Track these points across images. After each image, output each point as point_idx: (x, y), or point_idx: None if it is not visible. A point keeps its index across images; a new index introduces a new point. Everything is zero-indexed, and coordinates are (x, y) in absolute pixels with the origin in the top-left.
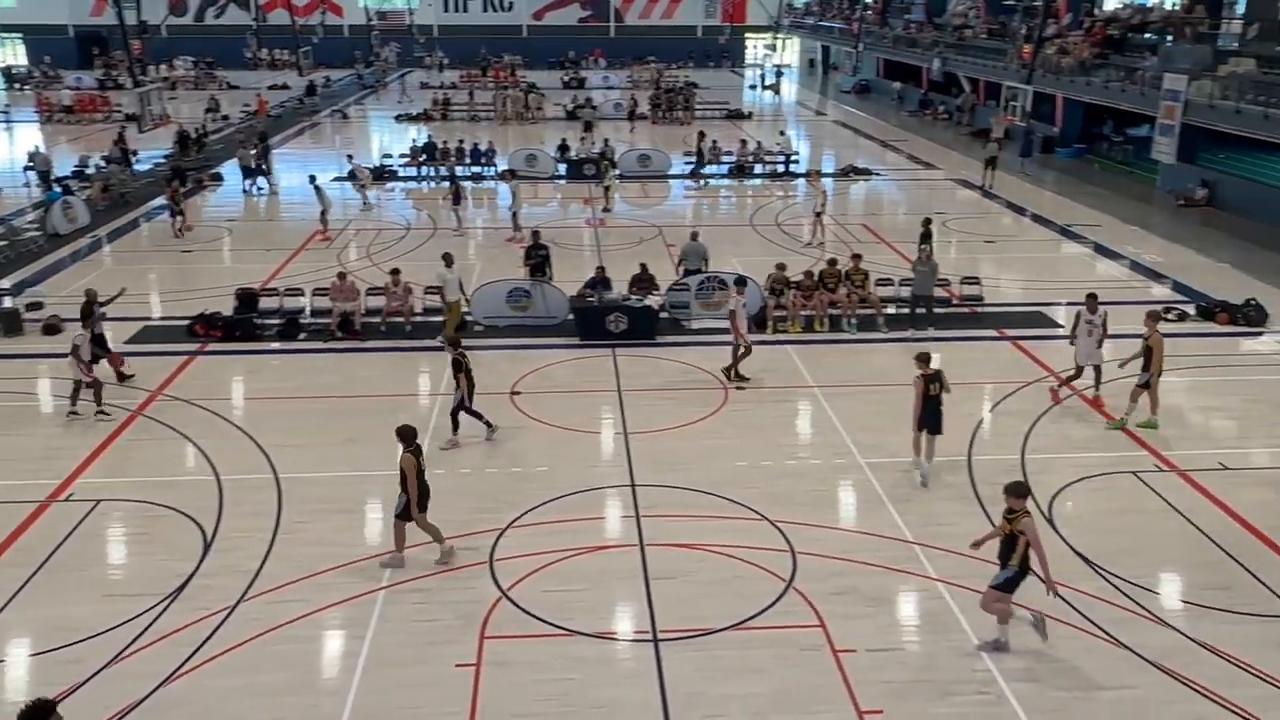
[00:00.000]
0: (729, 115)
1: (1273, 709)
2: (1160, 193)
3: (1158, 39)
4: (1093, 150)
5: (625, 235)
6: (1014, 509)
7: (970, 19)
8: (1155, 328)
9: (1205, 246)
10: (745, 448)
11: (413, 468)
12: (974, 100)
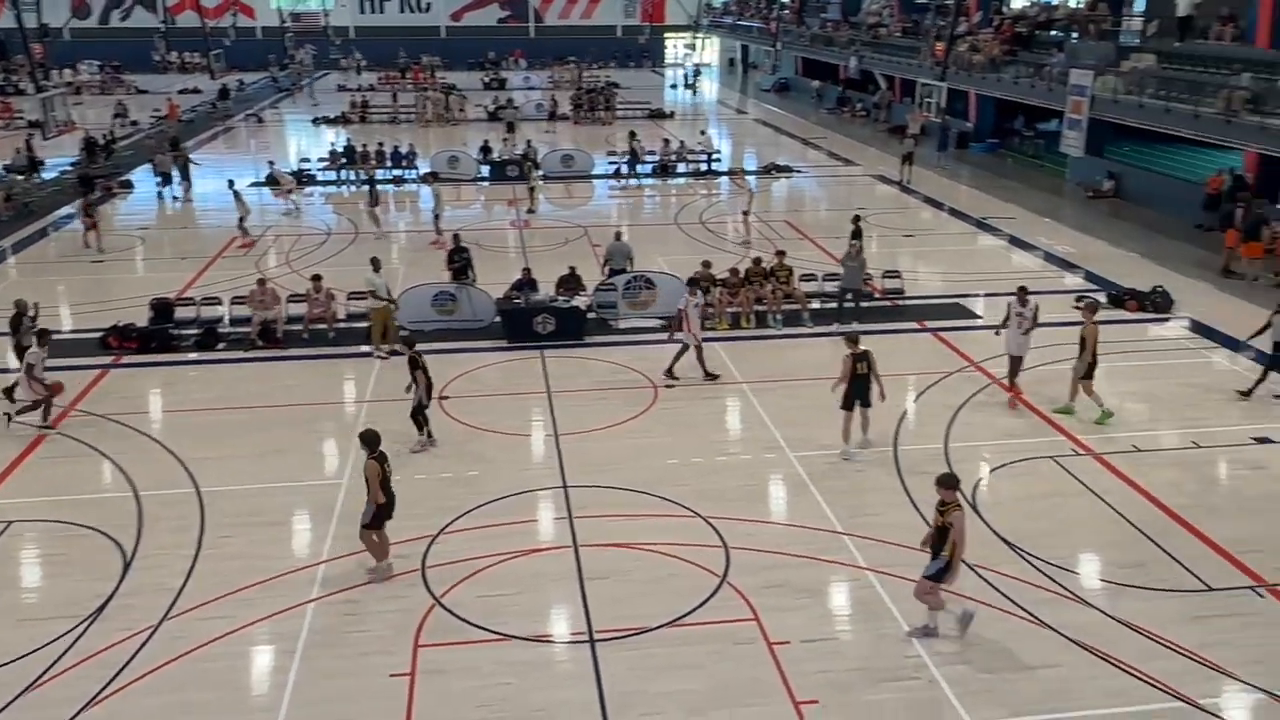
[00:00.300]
0: (651, 115)
1: (1189, 681)
2: (1070, 185)
3: (1064, 36)
4: (1005, 145)
5: (550, 236)
6: (945, 501)
7: (884, 18)
8: (1091, 318)
9: (1114, 236)
10: (676, 445)
11: (375, 474)
12: (890, 97)
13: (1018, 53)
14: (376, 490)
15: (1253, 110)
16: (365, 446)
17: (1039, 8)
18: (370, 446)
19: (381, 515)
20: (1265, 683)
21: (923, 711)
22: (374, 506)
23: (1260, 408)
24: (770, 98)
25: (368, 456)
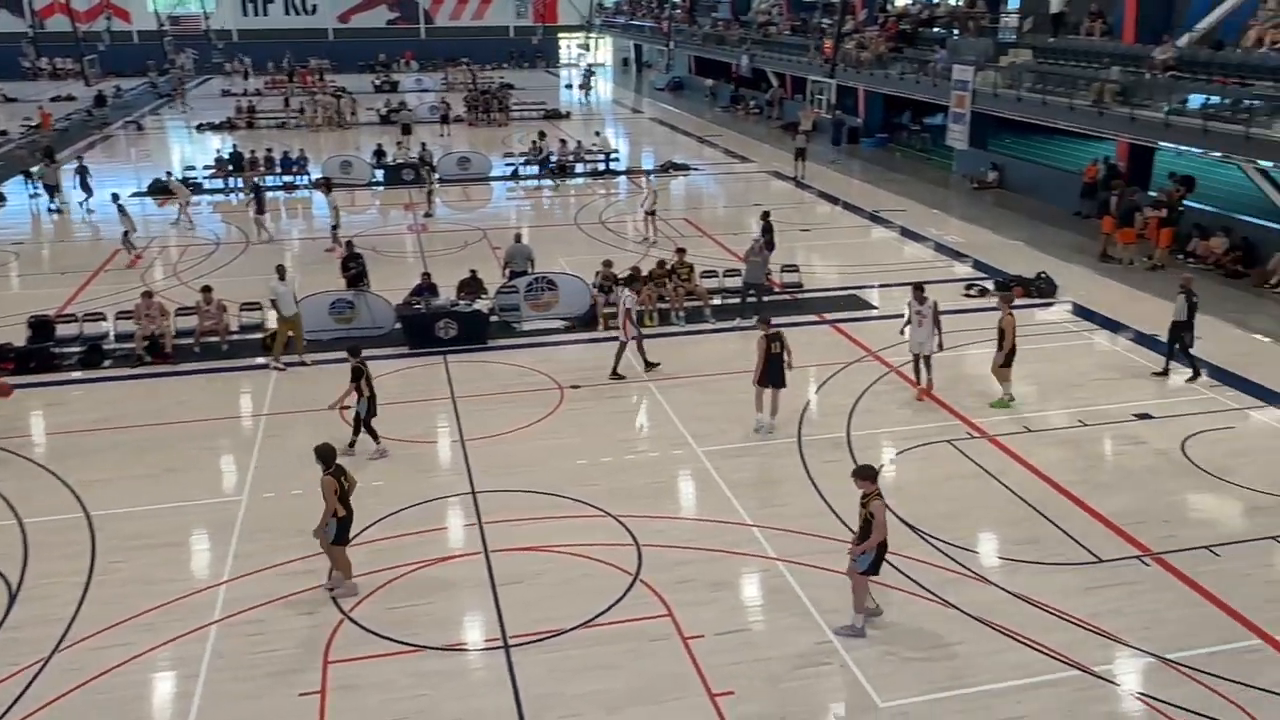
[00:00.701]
0: (547, 115)
1: (1084, 650)
2: (956, 177)
3: (945, 33)
4: (894, 139)
5: (449, 240)
6: (865, 492)
7: (774, 16)
8: (1008, 309)
9: (999, 225)
10: (584, 445)
11: (333, 489)
12: (782, 95)
13: (903, 50)
14: (334, 505)
15: (1122, 102)
16: (320, 461)
17: (921, 6)
18: (326, 462)
19: (345, 530)
20: (1154, 647)
21: (835, 695)
22: (334, 522)
23: (1140, 385)
24: (665, 97)
25: (324, 472)
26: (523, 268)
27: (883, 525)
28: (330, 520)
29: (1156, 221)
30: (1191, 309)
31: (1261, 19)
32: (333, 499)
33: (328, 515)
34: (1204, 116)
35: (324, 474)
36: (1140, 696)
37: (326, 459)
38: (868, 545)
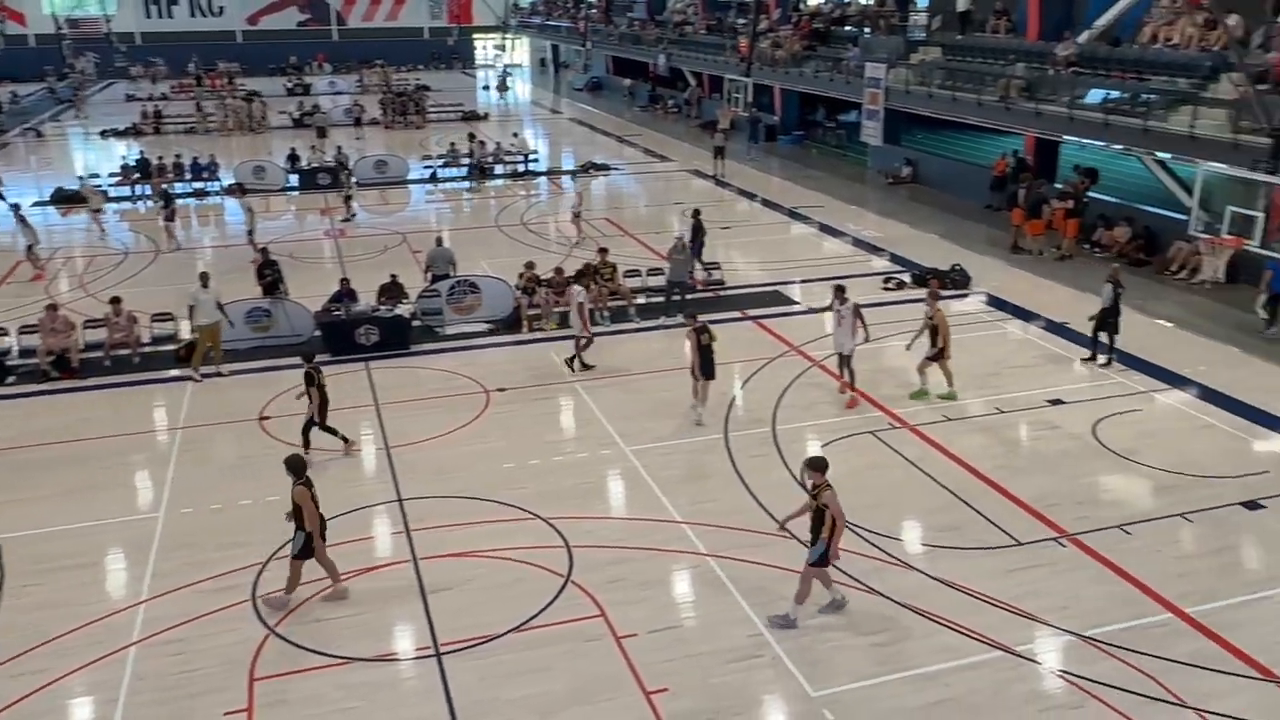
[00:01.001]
0: (464, 117)
1: (1006, 631)
2: (871, 173)
3: (857, 31)
4: (810, 136)
5: (368, 245)
6: (816, 484)
7: (689, 16)
8: (936, 305)
9: (914, 219)
10: (511, 449)
11: (307, 499)
12: (700, 94)
13: (816, 48)
14: (314, 515)
15: (1028, 97)
16: (292, 473)
17: (833, 5)
18: (297, 473)
19: (311, 545)
20: (1073, 625)
21: (768, 687)
22: (304, 536)
23: (1053, 372)
24: (583, 97)
25: (295, 483)
26: (444, 271)
27: (841, 515)
28: (299, 533)
29: (1063, 213)
30: (1117, 298)
31: (1155, 16)
32: (312, 507)
33: (310, 526)
34: (1105, 111)
35: (295, 484)
36: (1061, 674)
37: (298, 470)
38: (837, 535)
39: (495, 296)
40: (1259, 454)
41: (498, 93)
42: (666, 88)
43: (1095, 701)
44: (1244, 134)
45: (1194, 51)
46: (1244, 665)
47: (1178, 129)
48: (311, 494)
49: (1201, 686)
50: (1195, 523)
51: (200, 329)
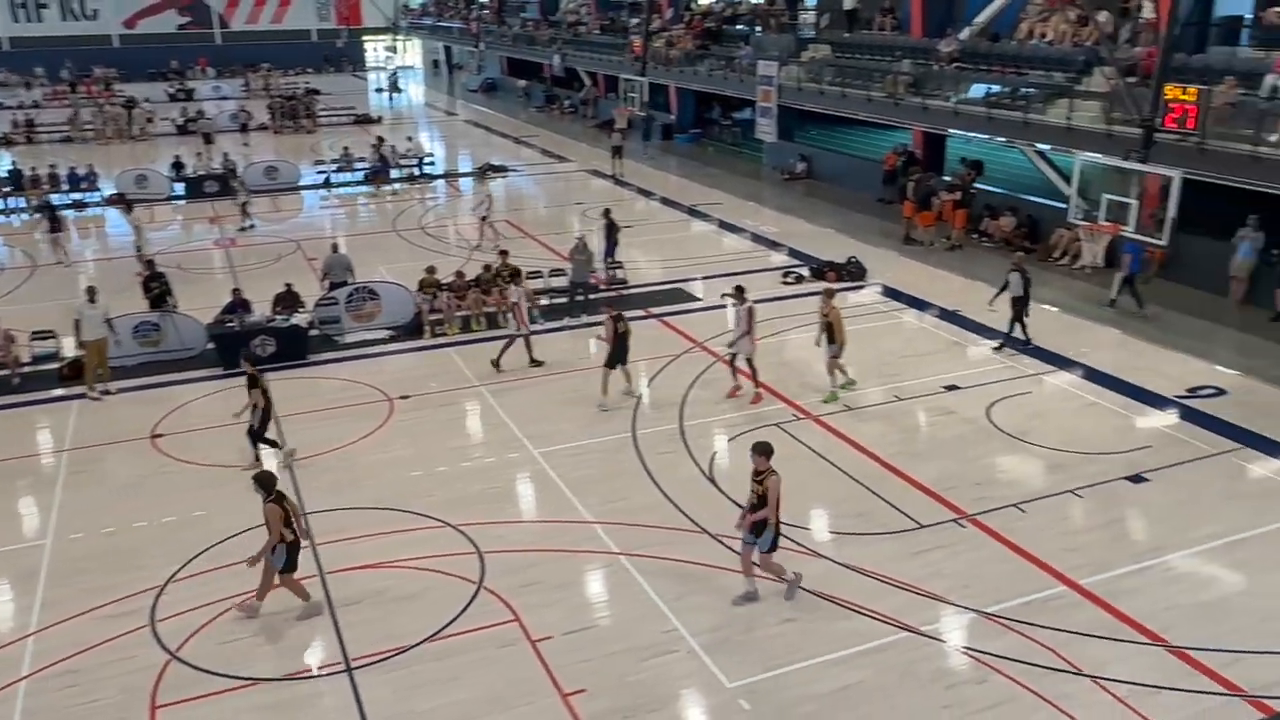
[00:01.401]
0: (357, 120)
1: (912, 612)
2: (767, 169)
3: (749, 30)
4: (706, 134)
5: (261, 253)
6: (760, 469)
7: (582, 16)
8: (831, 303)
9: (810, 214)
10: (418, 456)
11: (278, 516)
12: (596, 93)
13: (709, 47)
14: (279, 532)
15: (914, 92)
16: (261, 490)
17: (724, 4)
18: (267, 489)
19: (294, 555)
20: (975, 603)
21: (685, 681)
22: (284, 548)
23: (947, 359)
24: (478, 98)
25: (265, 500)
26: (342, 278)
27: (778, 501)
28: (279, 547)
29: (952, 204)
30: (1026, 284)
31: (1031, 13)
32: (278, 526)
33: (272, 543)
34: (987, 105)
35: (266, 502)
36: (966, 650)
37: (267, 486)
38: (762, 515)
39: (395, 302)
40: (1141, 430)
41: (390, 95)
42: (562, 88)
43: (998, 675)
44: (1116, 125)
45: (1068, 47)
46: (1134, 632)
47: (1055, 121)
48: (283, 510)
49: (1096, 654)
50: (1085, 498)
51: (86, 345)
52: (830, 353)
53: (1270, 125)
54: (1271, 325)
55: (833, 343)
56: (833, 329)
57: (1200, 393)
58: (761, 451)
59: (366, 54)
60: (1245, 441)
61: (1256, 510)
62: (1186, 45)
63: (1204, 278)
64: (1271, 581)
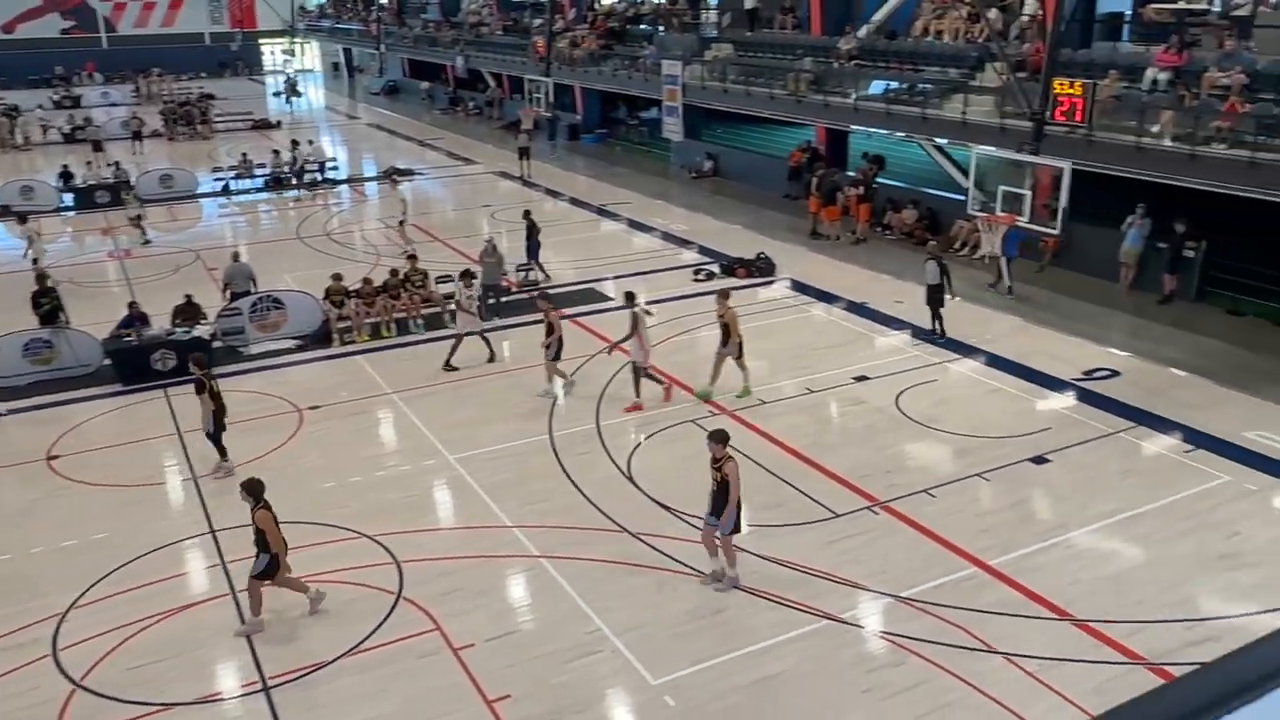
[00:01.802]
0: (255, 126)
1: (830, 599)
2: (674, 168)
3: (652, 29)
4: (613, 134)
5: (159, 265)
6: (718, 456)
7: (485, 16)
8: (727, 304)
9: (718, 212)
10: (331, 467)
11: (269, 523)
12: (501, 94)
13: (613, 46)
14: (277, 539)
15: (816, 90)
16: (250, 497)
17: (628, 4)
18: (256, 496)
19: (274, 567)
20: (890, 587)
21: (610, 681)
22: (269, 558)
23: (856, 350)
24: (380, 101)
25: (255, 507)
26: (244, 288)
27: (738, 485)
28: (261, 556)
29: (856, 199)
30: (943, 272)
31: (925, 11)
32: (276, 530)
33: (276, 548)
34: (886, 101)
35: (256, 509)
36: (884, 635)
37: (256, 493)
38: (729, 508)
39: (302, 311)
40: (1041, 412)
41: (288, 99)
42: (467, 89)
43: (915, 657)
44: (1009, 119)
45: (961, 44)
46: (1042, 608)
47: (951, 116)
48: (273, 516)
49: (1007, 632)
50: (991, 481)
51: None
52: (727, 352)
53: (1152, 117)
54: (1159, 308)
55: (725, 344)
56: (728, 330)
57: (1096, 375)
58: (718, 439)
59: (263, 57)
60: (1138, 420)
61: (1151, 486)
62: (1072, 41)
63: (1095, 264)
64: (1168, 553)
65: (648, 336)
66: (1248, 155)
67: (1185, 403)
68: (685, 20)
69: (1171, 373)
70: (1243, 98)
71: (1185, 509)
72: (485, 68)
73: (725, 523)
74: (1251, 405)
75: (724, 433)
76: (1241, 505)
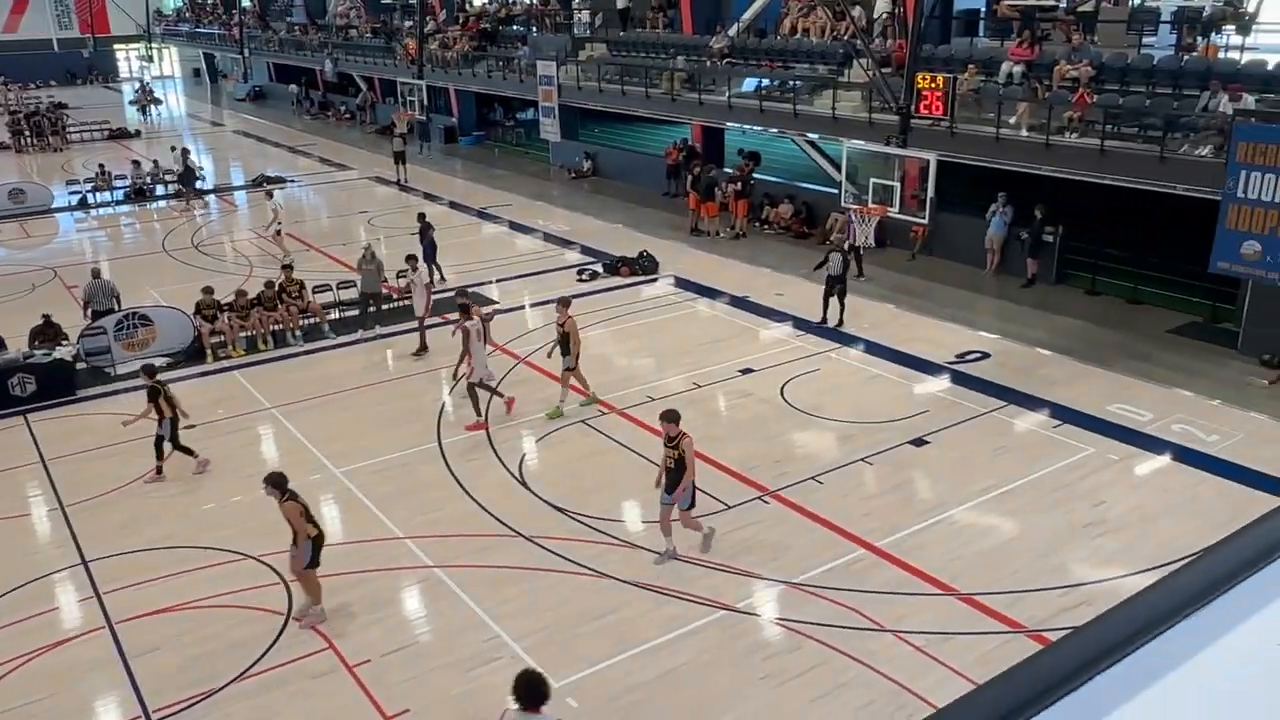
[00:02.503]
0: (113, 135)
1: (726, 590)
2: (554, 168)
3: (525, 30)
4: (491, 136)
5: (12, 284)
6: (672, 435)
7: (352, 19)
8: (567, 313)
9: (599, 211)
10: (209, 488)
11: (298, 513)
12: (373, 98)
13: (486, 48)
14: (304, 528)
15: (690, 88)
16: (275, 489)
17: (499, 4)
18: (280, 488)
19: (319, 551)
20: (783, 574)
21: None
22: (309, 544)
23: (740, 343)
24: (246, 107)
25: (281, 500)
26: (107, 305)
27: (694, 462)
28: (305, 543)
29: (734, 195)
30: (845, 265)
31: (792, 9)
32: (301, 522)
33: (303, 533)
34: (759, 98)
35: (282, 501)
36: (779, 621)
37: (280, 484)
38: (685, 483)
39: (171, 327)
40: (918, 396)
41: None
42: (337, 94)
43: (810, 641)
44: (876, 113)
45: (828, 41)
46: (927, 585)
47: (822, 111)
48: (302, 506)
49: (895, 610)
50: (874, 465)
51: None
52: (564, 364)
53: (1009, 109)
54: (1023, 291)
55: (566, 354)
56: (568, 339)
57: (967, 358)
58: (670, 419)
59: (119, 64)
60: (1008, 399)
61: (1023, 461)
62: (932, 37)
63: (962, 251)
64: (1041, 525)
65: (479, 352)
66: (1097, 144)
67: (1051, 380)
68: (557, 20)
69: (1037, 352)
70: (1090, 89)
71: (1054, 481)
72: (355, 71)
73: (682, 496)
74: (1110, 379)
75: (675, 412)
76: (1105, 475)
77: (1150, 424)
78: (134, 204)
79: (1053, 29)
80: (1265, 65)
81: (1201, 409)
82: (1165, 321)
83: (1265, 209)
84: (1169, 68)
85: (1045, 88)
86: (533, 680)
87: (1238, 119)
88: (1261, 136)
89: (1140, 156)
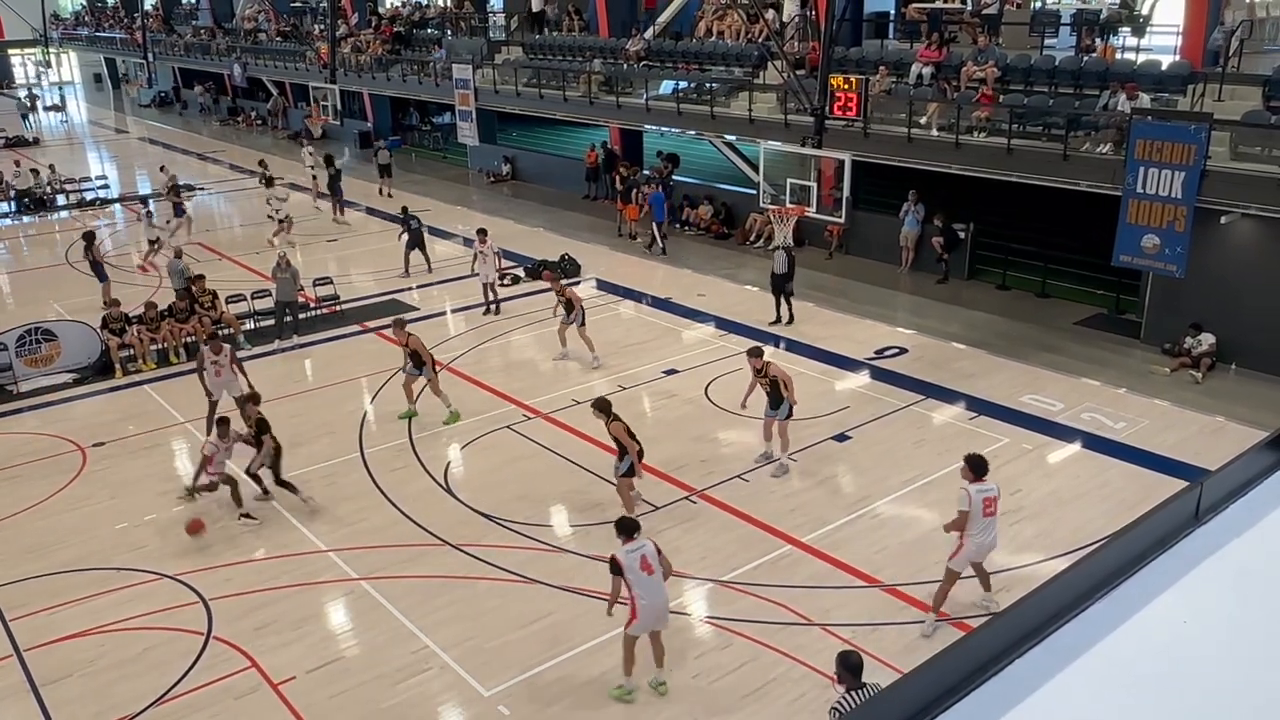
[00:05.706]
0: (9, 144)
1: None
2: (473, 173)
3: (440, 33)
4: (406, 140)
5: None
6: (758, 368)
7: (261, 22)
8: (405, 333)
9: (519, 215)
10: (122, 506)
11: (624, 431)
12: (284, 103)
13: (400, 51)
14: (631, 445)
15: (608, 91)
16: (602, 413)
17: (413, 7)
18: (606, 412)
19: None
20: (712, 572)
21: (441, 697)
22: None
23: (664, 345)
24: (151, 113)
25: (608, 421)
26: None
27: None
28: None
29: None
30: (790, 263)
31: (708, 12)
32: (628, 439)
33: (633, 453)
34: (676, 100)
35: (609, 422)
36: (709, 619)
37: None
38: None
39: (77, 342)
40: (840, 392)
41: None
42: (247, 99)
43: (740, 638)
44: (792, 114)
45: (743, 43)
46: (852, 577)
47: (738, 113)
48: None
49: (822, 604)
50: (799, 461)
51: None
52: (428, 377)
53: (920, 109)
54: (937, 287)
55: (419, 368)
56: (418, 356)
57: (886, 353)
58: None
59: (14, 70)
60: (925, 393)
61: (940, 453)
62: (844, 40)
63: (878, 249)
64: None
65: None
66: (1004, 142)
67: (965, 373)
68: (472, 24)
69: (952, 346)
70: (996, 89)
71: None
72: (265, 75)
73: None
74: (1022, 371)
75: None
76: (1020, 464)
77: (1061, 413)
78: (32, 215)
79: (959, 31)
80: (1159, 65)
81: (1108, 397)
82: (1072, 314)
83: (1162, 204)
84: (1070, 68)
85: (954, 88)
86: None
87: (1135, 117)
88: (1157, 134)
89: (1045, 154)
